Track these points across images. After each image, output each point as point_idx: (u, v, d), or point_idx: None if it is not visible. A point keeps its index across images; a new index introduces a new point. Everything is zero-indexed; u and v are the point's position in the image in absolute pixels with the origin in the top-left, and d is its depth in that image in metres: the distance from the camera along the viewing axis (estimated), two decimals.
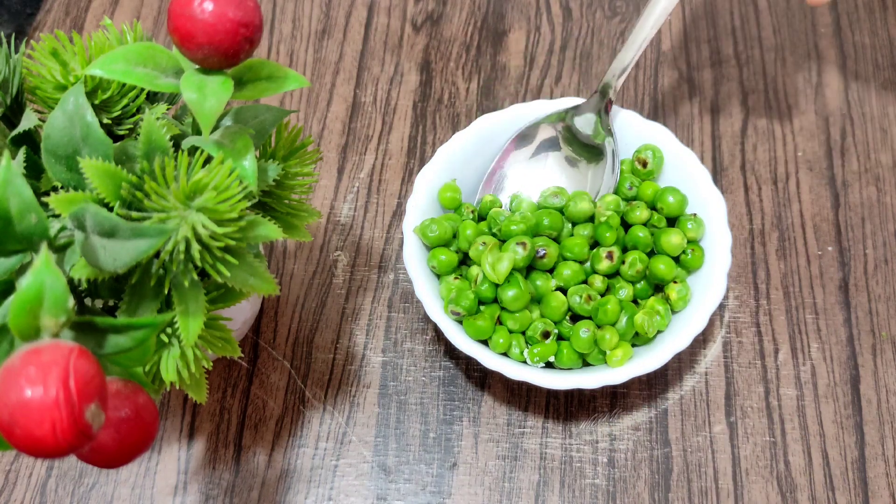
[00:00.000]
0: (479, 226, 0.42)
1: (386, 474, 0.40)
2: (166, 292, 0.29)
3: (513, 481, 0.40)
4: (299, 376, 0.43)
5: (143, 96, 0.33)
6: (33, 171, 0.31)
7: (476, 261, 0.40)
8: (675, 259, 0.41)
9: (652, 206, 0.43)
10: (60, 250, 0.28)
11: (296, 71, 0.40)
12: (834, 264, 0.45)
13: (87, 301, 0.31)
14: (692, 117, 0.50)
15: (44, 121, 0.30)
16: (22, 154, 0.31)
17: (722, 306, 0.44)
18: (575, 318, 0.40)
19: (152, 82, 0.28)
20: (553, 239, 0.41)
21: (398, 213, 0.47)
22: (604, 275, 0.41)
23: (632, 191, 0.43)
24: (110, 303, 0.31)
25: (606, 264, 0.40)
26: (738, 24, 0.54)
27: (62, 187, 0.29)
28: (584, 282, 0.41)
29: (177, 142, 0.31)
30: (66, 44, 0.32)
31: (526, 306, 0.39)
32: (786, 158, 0.49)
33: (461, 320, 0.40)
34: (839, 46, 0.53)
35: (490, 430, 0.41)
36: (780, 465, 0.40)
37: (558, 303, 0.39)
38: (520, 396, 0.42)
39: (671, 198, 0.42)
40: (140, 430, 0.26)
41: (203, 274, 0.30)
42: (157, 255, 0.28)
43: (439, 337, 0.44)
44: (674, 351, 0.38)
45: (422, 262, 0.41)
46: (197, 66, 0.28)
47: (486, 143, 0.44)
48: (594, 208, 0.42)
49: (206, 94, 0.28)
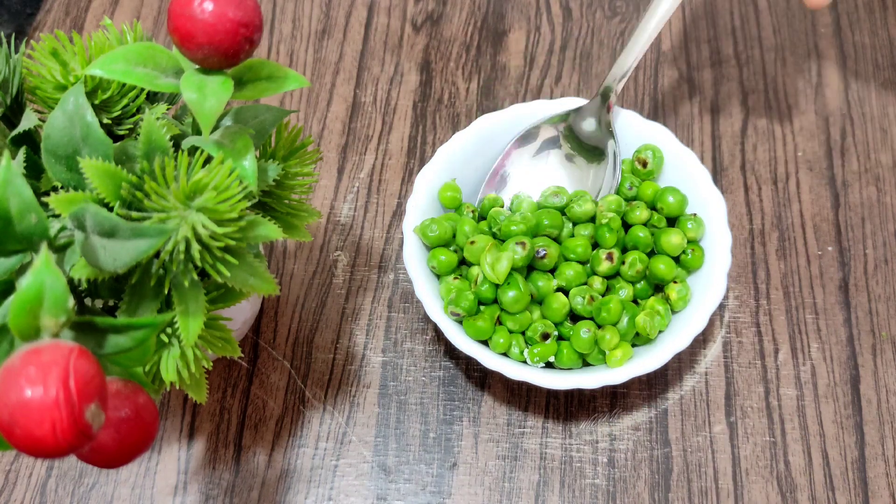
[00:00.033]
0: (480, 225, 0.42)
1: (386, 474, 0.40)
2: (166, 292, 0.29)
3: (513, 481, 0.40)
4: (299, 376, 0.43)
5: (143, 96, 0.33)
6: (33, 171, 0.31)
7: (471, 261, 0.40)
8: (675, 259, 0.41)
9: (652, 206, 0.42)
10: (60, 250, 0.28)
11: (296, 71, 0.40)
12: (834, 264, 0.45)
13: (87, 301, 0.31)
14: (692, 117, 0.50)
15: (44, 121, 0.30)
16: (22, 154, 0.31)
17: (722, 306, 0.44)
18: (575, 318, 0.40)
19: (152, 82, 0.28)
20: (553, 239, 0.41)
21: (398, 213, 0.47)
22: (603, 276, 0.41)
23: (632, 191, 0.43)
24: (110, 303, 0.31)
25: (606, 266, 0.40)
26: (738, 24, 0.54)
27: (62, 187, 0.29)
28: (585, 283, 0.41)
29: (177, 142, 0.31)
30: (66, 44, 0.32)
31: (526, 308, 0.39)
32: (786, 158, 0.49)
33: (461, 321, 0.40)
34: (839, 46, 0.53)
35: (490, 430, 0.41)
36: (780, 465, 0.40)
37: (560, 304, 0.39)
38: (520, 396, 0.42)
39: (671, 198, 0.42)
40: (140, 430, 0.26)
41: (203, 274, 0.30)
42: (157, 255, 0.28)
43: (439, 337, 0.44)
44: (674, 351, 0.38)
45: (422, 262, 0.41)
46: (197, 66, 0.28)
47: (486, 143, 0.44)
48: (596, 208, 0.42)
49: (206, 94, 0.28)
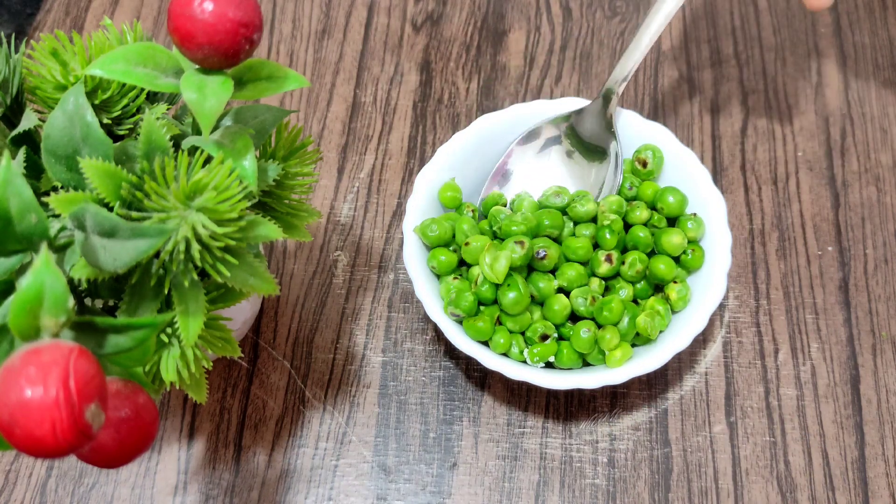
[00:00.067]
0: (481, 224, 0.42)
1: (386, 474, 0.40)
2: (166, 292, 0.29)
3: (513, 481, 0.40)
4: (299, 376, 0.43)
5: (143, 96, 0.33)
6: (33, 171, 0.31)
7: (469, 261, 0.40)
8: (676, 259, 0.41)
9: (652, 206, 0.42)
10: (60, 250, 0.28)
11: (296, 71, 0.40)
12: (834, 264, 0.45)
13: (87, 301, 0.31)
14: (692, 117, 0.50)
15: (44, 121, 0.30)
16: (22, 154, 0.31)
17: (722, 306, 0.44)
18: (575, 318, 0.40)
19: (152, 82, 0.28)
20: (554, 239, 0.41)
21: (398, 213, 0.47)
22: (602, 278, 0.41)
23: (632, 191, 0.43)
24: (110, 303, 0.31)
25: (606, 267, 0.40)
26: (738, 24, 0.54)
27: (62, 187, 0.29)
28: (586, 283, 0.41)
29: (177, 142, 0.31)
30: (66, 44, 0.32)
31: (526, 309, 0.39)
32: (786, 158, 0.49)
33: (461, 321, 0.40)
34: (839, 46, 0.53)
35: (490, 430, 0.41)
36: (780, 465, 0.40)
37: (561, 306, 0.39)
38: (520, 396, 0.42)
39: (671, 198, 0.42)
40: (140, 430, 0.26)
41: (203, 274, 0.30)
42: (157, 255, 0.28)
43: (439, 337, 0.44)
44: (674, 351, 0.38)
45: (422, 262, 0.41)
46: (197, 66, 0.28)
47: (486, 143, 0.44)
48: (598, 208, 0.42)
49: (206, 94, 0.28)
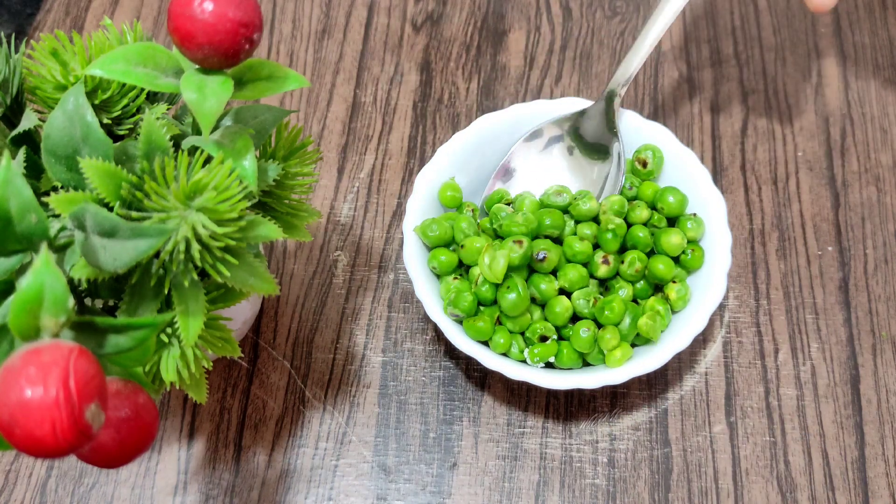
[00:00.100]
0: (482, 222, 0.42)
1: (386, 474, 0.40)
2: (166, 292, 0.29)
3: (513, 481, 0.40)
4: (299, 376, 0.43)
5: (143, 96, 0.33)
6: (33, 171, 0.31)
7: (467, 262, 0.40)
8: (675, 259, 0.41)
9: (652, 206, 0.42)
10: (60, 250, 0.28)
11: (296, 71, 0.40)
12: (834, 264, 0.45)
13: (87, 301, 0.31)
14: (692, 117, 0.50)
15: (44, 121, 0.30)
16: (22, 154, 0.31)
17: (722, 306, 0.44)
18: (575, 318, 0.40)
19: (152, 82, 0.28)
20: (554, 239, 0.41)
21: (398, 213, 0.47)
22: (601, 279, 0.41)
23: (632, 191, 0.43)
24: (110, 303, 0.31)
25: (604, 269, 0.40)
26: (738, 24, 0.54)
27: (62, 187, 0.29)
28: (587, 284, 0.41)
29: (177, 142, 0.31)
30: (66, 44, 0.32)
31: (526, 310, 0.39)
32: (786, 158, 0.49)
33: (461, 321, 0.40)
34: (839, 46, 0.53)
35: (490, 430, 0.41)
36: (780, 465, 0.40)
37: (563, 308, 0.39)
38: (520, 396, 0.42)
39: (671, 198, 0.42)
40: (140, 430, 0.26)
41: (203, 274, 0.30)
42: (157, 255, 0.28)
43: (439, 337, 0.44)
44: (674, 351, 0.38)
45: (422, 262, 0.41)
46: (197, 66, 0.28)
47: (486, 143, 0.44)
48: (599, 208, 0.42)
49: (206, 94, 0.28)
